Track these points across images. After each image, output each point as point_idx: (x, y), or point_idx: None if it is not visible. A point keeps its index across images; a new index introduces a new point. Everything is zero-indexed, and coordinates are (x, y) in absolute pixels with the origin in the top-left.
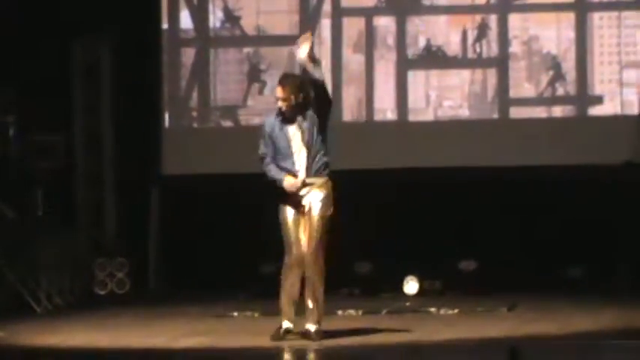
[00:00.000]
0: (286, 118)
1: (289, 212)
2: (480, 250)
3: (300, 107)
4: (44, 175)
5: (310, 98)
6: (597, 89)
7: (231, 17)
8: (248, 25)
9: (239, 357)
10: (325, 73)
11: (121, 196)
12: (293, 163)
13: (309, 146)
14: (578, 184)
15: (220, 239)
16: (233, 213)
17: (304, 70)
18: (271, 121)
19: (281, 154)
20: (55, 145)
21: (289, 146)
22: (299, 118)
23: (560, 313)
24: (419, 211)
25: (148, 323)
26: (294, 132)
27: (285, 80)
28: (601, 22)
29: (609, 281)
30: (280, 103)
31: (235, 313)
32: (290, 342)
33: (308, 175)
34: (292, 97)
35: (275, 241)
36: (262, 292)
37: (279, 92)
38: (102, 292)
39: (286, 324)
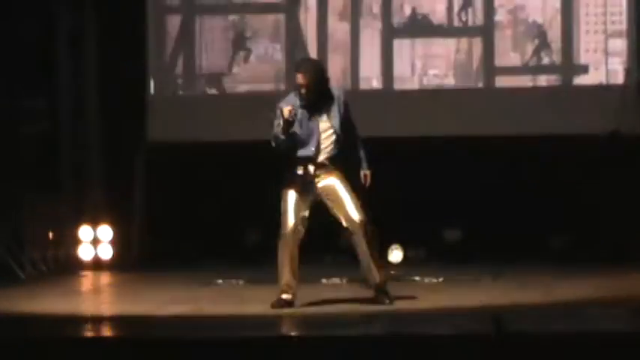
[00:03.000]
0: (309, 103)
1: (297, 189)
2: (464, 220)
3: (322, 91)
4: (29, 141)
5: (329, 80)
6: (583, 58)
7: None
8: None
9: (225, 324)
10: (311, 42)
11: (105, 163)
12: (314, 144)
13: (333, 130)
14: (563, 153)
15: (205, 207)
16: (218, 180)
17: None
18: (290, 100)
19: (301, 135)
20: (40, 110)
21: (311, 128)
22: (322, 101)
23: (543, 282)
24: (404, 180)
25: (132, 290)
26: (318, 115)
27: (304, 66)
28: None
29: (592, 251)
30: (302, 90)
31: (220, 281)
32: (285, 311)
33: (323, 156)
34: (313, 82)
35: (260, 209)
36: (247, 259)
37: (300, 79)
38: (86, 259)
39: (287, 295)
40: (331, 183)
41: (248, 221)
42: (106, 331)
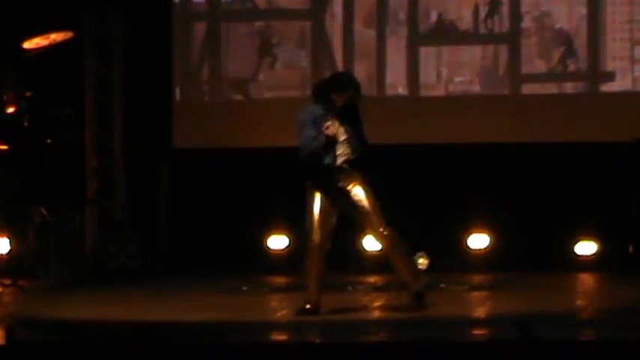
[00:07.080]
0: (338, 112)
1: (322, 195)
2: (491, 227)
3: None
4: (55, 148)
5: None
6: (609, 66)
7: None
8: None
9: (249, 330)
10: (337, 48)
11: (131, 170)
12: (332, 150)
13: (349, 137)
14: (588, 160)
15: (230, 213)
16: (243, 186)
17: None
18: (316, 111)
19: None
20: (66, 117)
21: (334, 136)
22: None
23: (570, 289)
24: (429, 187)
25: (157, 297)
26: (341, 123)
27: (356, 84)
28: None
29: (620, 258)
30: (341, 103)
31: (245, 288)
32: (309, 318)
33: (340, 160)
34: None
35: (284, 216)
36: (271, 267)
37: (353, 94)
38: (112, 266)
39: (311, 306)
40: (355, 193)
41: (273, 227)
42: (131, 337)
